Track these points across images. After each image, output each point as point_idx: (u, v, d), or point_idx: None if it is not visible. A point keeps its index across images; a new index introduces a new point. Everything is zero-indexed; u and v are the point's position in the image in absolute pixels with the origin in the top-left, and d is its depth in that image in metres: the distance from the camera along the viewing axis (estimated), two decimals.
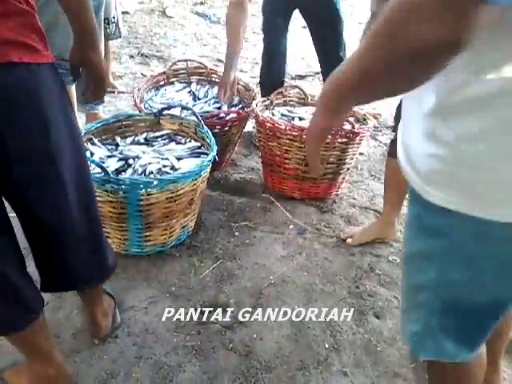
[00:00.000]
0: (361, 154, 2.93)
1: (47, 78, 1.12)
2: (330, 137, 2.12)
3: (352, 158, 2.36)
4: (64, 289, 1.49)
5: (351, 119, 2.35)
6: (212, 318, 1.71)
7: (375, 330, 1.70)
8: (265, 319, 1.71)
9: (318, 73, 4.25)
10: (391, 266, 2.00)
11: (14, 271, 1.18)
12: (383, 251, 2.08)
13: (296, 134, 2.18)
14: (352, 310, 1.78)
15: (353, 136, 2.20)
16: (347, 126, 2.16)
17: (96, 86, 1.41)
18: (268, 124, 2.27)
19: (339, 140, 2.19)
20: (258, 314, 1.73)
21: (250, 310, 1.75)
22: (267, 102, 2.55)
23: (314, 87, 3.93)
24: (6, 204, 1.16)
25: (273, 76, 3.01)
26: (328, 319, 1.73)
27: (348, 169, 2.40)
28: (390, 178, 1.97)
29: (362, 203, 2.41)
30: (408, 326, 0.96)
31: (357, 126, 2.27)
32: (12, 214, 1.17)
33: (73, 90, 2.68)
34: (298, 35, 5.41)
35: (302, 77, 4.17)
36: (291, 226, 2.20)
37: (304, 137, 2.13)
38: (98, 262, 1.41)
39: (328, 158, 2.24)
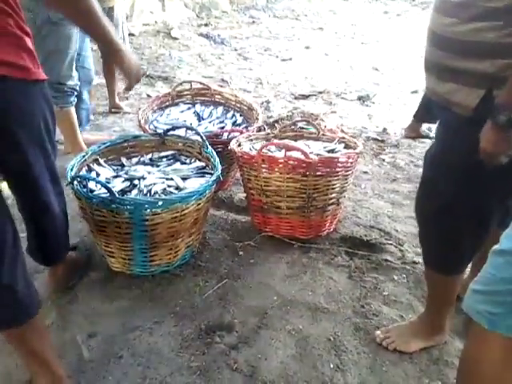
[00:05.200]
0: (364, 172, 2.94)
1: (33, 92, 1.36)
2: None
3: (342, 190, 2.21)
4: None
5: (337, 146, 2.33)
6: (217, 338, 1.70)
7: (380, 349, 1.69)
8: (269, 339, 1.71)
9: (321, 92, 4.30)
10: (396, 285, 1.99)
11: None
12: (387, 270, 2.08)
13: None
14: (357, 329, 1.77)
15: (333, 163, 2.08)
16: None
17: (127, 82, 1.75)
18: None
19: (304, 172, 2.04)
20: (262, 334, 1.73)
21: (255, 329, 1.75)
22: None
23: (318, 107, 3.96)
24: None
25: None
26: (333, 339, 1.72)
27: (338, 203, 2.24)
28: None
29: (366, 222, 2.41)
30: (486, 307, 1.05)
31: (345, 151, 2.27)
32: None
33: (72, 110, 2.74)
34: (301, 55, 5.49)
35: (305, 96, 4.21)
36: (295, 246, 2.20)
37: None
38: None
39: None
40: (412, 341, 1.69)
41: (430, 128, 3.42)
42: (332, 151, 2.30)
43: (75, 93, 2.72)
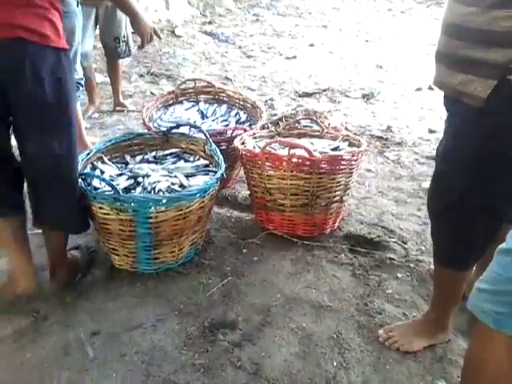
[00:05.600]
0: (368, 170, 2.94)
1: (48, 56, 1.53)
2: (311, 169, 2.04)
3: (346, 188, 2.21)
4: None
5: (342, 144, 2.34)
6: (220, 336, 1.71)
7: (384, 347, 1.69)
8: (273, 336, 1.71)
9: (325, 90, 4.30)
10: (399, 284, 1.99)
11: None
12: (391, 268, 2.07)
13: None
14: (360, 327, 1.77)
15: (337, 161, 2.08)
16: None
17: (141, 41, 2.30)
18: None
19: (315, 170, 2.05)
20: (266, 332, 1.73)
21: (258, 327, 1.75)
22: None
23: (322, 104, 3.96)
24: None
25: None
26: (336, 336, 1.72)
27: (342, 201, 2.23)
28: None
29: (370, 220, 2.41)
30: (492, 306, 1.04)
31: (349, 149, 2.27)
32: None
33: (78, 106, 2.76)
34: (305, 53, 5.48)
35: (309, 94, 4.20)
36: (299, 243, 2.20)
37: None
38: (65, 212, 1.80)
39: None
40: (415, 340, 1.68)
41: None
42: (336, 149, 2.30)
43: (80, 88, 2.72)
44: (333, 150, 2.29)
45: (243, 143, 2.34)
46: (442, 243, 1.59)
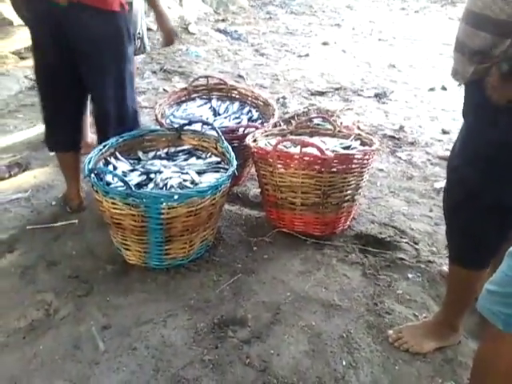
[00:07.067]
0: (380, 170, 2.93)
1: (105, 18, 1.95)
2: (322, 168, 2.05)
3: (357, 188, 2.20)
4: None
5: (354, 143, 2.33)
6: (229, 333, 1.71)
7: (393, 348, 1.68)
8: (282, 334, 1.71)
9: (337, 89, 4.28)
10: (410, 284, 1.98)
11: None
12: (402, 269, 2.07)
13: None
14: (370, 327, 1.76)
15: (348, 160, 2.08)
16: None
17: (163, 41, 2.45)
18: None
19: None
20: (275, 329, 1.73)
21: (268, 324, 1.76)
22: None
23: (334, 103, 3.95)
24: None
25: None
26: (345, 336, 1.72)
27: (353, 200, 2.22)
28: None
29: (381, 220, 2.40)
30: (501, 308, 1.06)
31: (361, 148, 2.26)
32: None
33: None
34: (318, 51, 5.47)
35: (321, 93, 4.19)
36: (309, 242, 2.20)
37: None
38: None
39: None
40: (425, 341, 1.67)
41: None
42: (348, 148, 2.29)
43: None
44: (345, 148, 2.28)
45: (255, 141, 2.34)
46: (455, 241, 1.59)
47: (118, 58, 2.08)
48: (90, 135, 2.87)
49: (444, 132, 3.47)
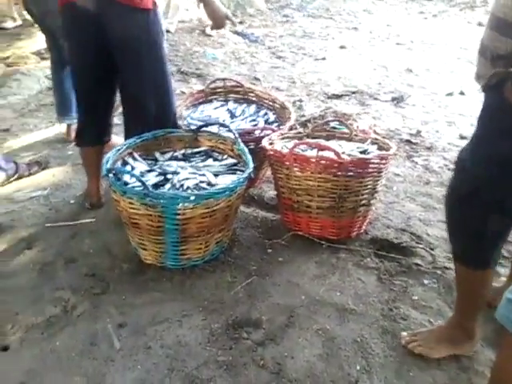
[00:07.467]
0: (396, 174, 2.91)
1: (135, 16, 1.97)
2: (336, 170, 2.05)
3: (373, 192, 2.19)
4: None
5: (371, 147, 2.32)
6: (244, 334, 1.72)
7: (408, 354, 1.67)
8: (296, 337, 1.72)
9: (354, 92, 4.27)
10: (425, 290, 1.97)
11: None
12: (417, 274, 2.05)
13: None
14: (384, 332, 1.76)
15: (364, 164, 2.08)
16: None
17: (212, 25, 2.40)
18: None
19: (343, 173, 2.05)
20: (289, 332, 1.74)
21: (282, 327, 1.76)
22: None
23: (351, 107, 3.94)
24: None
25: None
26: (360, 340, 1.71)
27: (369, 204, 2.22)
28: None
29: (397, 225, 2.39)
30: None
31: (377, 152, 2.24)
32: None
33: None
34: (334, 55, 5.46)
35: (338, 96, 4.18)
36: (325, 246, 2.20)
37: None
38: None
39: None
40: (437, 347, 1.66)
41: None
42: (364, 152, 2.28)
43: None
44: (361, 152, 2.27)
45: (271, 143, 2.35)
46: (456, 238, 1.58)
47: (155, 55, 2.11)
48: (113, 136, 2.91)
49: (461, 137, 3.43)
